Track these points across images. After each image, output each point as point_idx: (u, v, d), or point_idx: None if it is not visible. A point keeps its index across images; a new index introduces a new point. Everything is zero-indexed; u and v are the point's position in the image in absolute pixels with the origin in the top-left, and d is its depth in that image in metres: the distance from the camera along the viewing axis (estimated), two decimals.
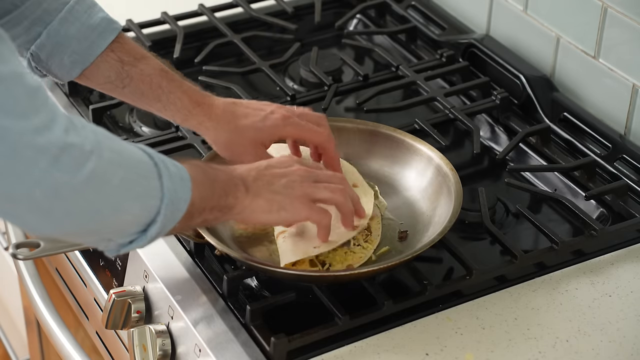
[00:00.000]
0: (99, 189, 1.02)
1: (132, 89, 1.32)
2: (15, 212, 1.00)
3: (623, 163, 1.50)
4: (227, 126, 1.31)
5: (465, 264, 1.30)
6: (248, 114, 1.32)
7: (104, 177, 1.02)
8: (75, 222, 1.04)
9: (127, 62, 1.31)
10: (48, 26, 1.28)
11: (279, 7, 1.86)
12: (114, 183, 1.03)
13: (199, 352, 1.23)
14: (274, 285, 1.30)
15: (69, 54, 1.30)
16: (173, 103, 1.32)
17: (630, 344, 1.24)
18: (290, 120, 1.32)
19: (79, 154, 1.00)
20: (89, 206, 1.03)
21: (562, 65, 1.64)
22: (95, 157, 1.01)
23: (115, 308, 1.32)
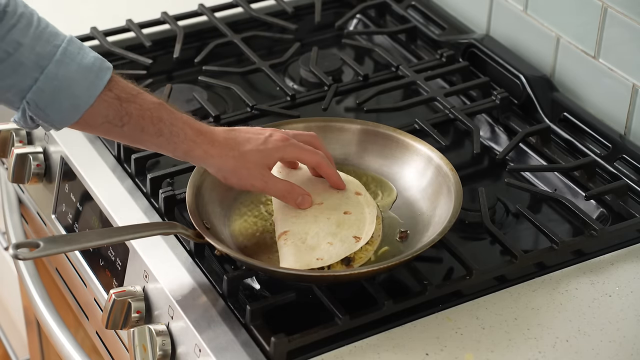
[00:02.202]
0: None
1: (132, 127, 1.29)
2: None
3: (623, 163, 1.50)
4: (231, 152, 1.31)
5: (465, 264, 1.30)
6: (249, 138, 1.33)
7: None
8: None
9: (125, 99, 1.28)
10: (45, 70, 1.25)
11: (279, 7, 1.86)
12: None
13: (199, 352, 1.23)
14: (274, 285, 1.30)
15: (69, 96, 1.26)
16: (176, 135, 1.30)
17: (630, 344, 1.24)
18: (290, 142, 1.34)
19: None
20: None
21: (562, 65, 1.64)
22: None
23: (115, 308, 1.32)
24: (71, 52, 1.26)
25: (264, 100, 1.64)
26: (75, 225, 1.52)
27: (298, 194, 1.34)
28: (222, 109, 1.65)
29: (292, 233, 1.32)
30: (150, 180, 1.44)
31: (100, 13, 1.87)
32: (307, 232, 1.31)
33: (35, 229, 1.70)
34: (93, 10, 1.88)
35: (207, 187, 1.36)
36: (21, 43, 1.23)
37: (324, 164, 1.36)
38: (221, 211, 1.37)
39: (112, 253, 1.42)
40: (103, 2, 1.91)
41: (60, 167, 1.56)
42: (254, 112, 1.60)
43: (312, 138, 1.38)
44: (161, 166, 1.51)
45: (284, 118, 1.55)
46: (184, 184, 1.37)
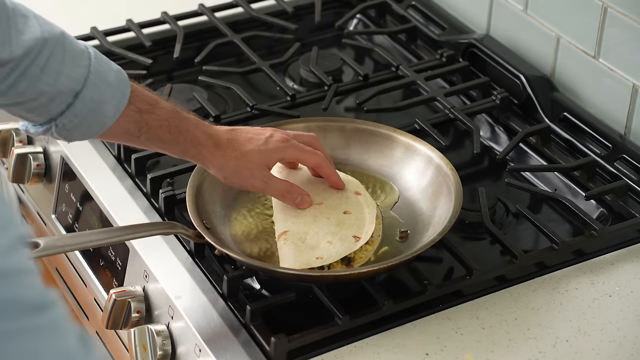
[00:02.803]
0: None
1: (149, 136, 1.28)
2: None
3: (623, 163, 1.50)
4: (233, 153, 1.31)
5: (465, 264, 1.30)
6: (250, 139, 1.33)
7: None
8: None
9: (145, 110, 1.27)
10: (79, 95, 1.22)
11: (279, 7, 1.86)
12: None
13: (199, 352, 1.23)
14: (274, 285, 1.30)
15: (99, 117, 1.24)
16: (190, 141, 1.30)
17: (630, 344, 1.24)
18: (291, 143, 1.34)
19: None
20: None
21: (562, 65, 1.64)
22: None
23: (115, 308, 1.32)
24: (100, 72, 1.23)
25: (264, 100, 1.64)
26: (75, 225, 1.52)
27: (297, 194, 1.34)
28: (222, 109, 1.65)
29: (291, 233, 1.32)
30: (151, 180, 1.44)
31: (100, 13, 1.87)
32: (306, 232, 1.31)
33: (35, 229, 1.70)
34: (93, 10, 1.88)
35: (207, 187, 1.36)
36: (60, 72, 1.20)
37: (323, 165, 1.36)
38: (221, 211, 1.37)
39: (112, 253, 1.42)
40: (103, 2, 1.91)
41: (61, 167, 1.56)
42: (254, 112, 1.60)
43: (311, 139, 1.38)
44: (161, 166, 1.51)
45: (284, 118, 1.55)
46: (184, 184, 1.37)
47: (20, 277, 0.84)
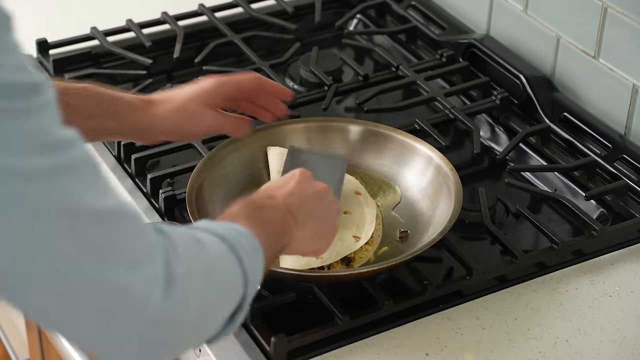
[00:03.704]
0: (201, 306, 0.96)
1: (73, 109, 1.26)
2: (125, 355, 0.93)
3: (623, 163, 1.50)
4: (173, 104, 1.30)
5: (465, 264, 1.30)
6: (184, 89, 1.33)
7: (201, 293, 0.96)
8: (185, 343, 0.98)
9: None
10: None
11: (279, 7, 1.86)
12: (210, 293, 0.97)
13: (199, 352, 1.23)
14: (274, 285, 1.30)
15: None
16: (119, 100, 1.28)
17: (630, 344, 1.24)
18: (220, 76, 1.34)
19: (180, 280, 0.93)
20: (195, 325, 0.96)
21: (562, 65, 1.64)
22: (193, 275, 0.95)
23: None
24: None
25: None
26: None
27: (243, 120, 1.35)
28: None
29: None
30: (151, 180, 1.44)
31: (100, 13, 1.87)
32: None
33: None
34: (93, 10, 1.88)
35: (207, 187, 1.36)
36: None
37: (264, 80, 1.35)
38: (221, 211, 1.37)
39: None
40: (103, 2, 1.91)
41: None
42: None
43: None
44: (161, 166, 1.51)
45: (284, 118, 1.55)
46: (184, 184, 1.37)
47: None
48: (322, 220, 1.19)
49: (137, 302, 0.90)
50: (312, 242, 1.18)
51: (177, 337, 0.94)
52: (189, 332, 0.96)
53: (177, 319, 0.93)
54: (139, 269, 0.90)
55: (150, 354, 0.94)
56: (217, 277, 0.99)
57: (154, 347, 0.93)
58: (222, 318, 1.01)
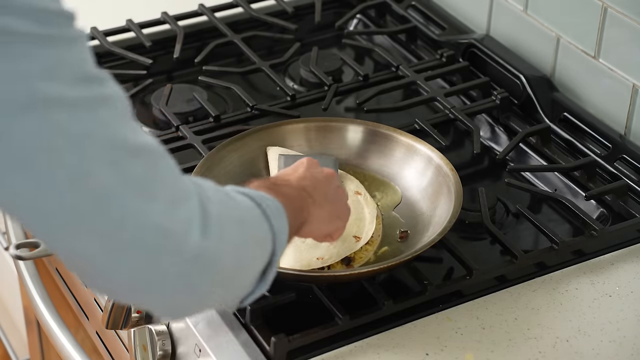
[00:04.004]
0: (236, 252, 0.99)
1: None
2: (164, 296, 0.95)
3: (623, 163, 1.50)
4: None
5: (465, 264, 1.30)
6: None
7: (235, 237, 0.98)
8: (222, 290, 1.00)
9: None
10: None
11: (279, 7, 1.86)
12: (244, 241, 1.00)
13: (199, 352, 1.23)
14: (274, 285, 1.30)
15: None
16: None
17: (630, 344, 1.24)
18: None
19: (215, 221, 0.95)
20: (231, 271, 0.99)
21: (562, 65, 1.64)
22: (226, 220, 0.97)
23: (115, 308, 1.32)
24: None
25: (264, 100, 1.64)
26: None
27: None
28: (222, 109, 1.65)
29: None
30: None
31: (100, 13, 1.87)
32: None
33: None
34: (93, 10, 1.88)
35: None
36: None
37: None
38: None
39: None
40: (103, 2, 1.91)
41: None
42: (254, 112, 1.60)
43: None
44: None
45: (284, 118, 1.55)
46: None
47: None
48: (335, 201, 1.22)
49: (177, 239, 0.91)
50: (330, 222, 1.21)
51: (216, 280, 0.96)
52: (227, 278, 0.98)
53: (215, 259, 0.95)
54: (178, 206, 0.92)
55: (191, 297, 0.96)
56: (248, 226, 1.01)
57: (195, 290, 0.95)
58: (255, 272, 1.03)
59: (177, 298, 0.95)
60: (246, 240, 1.00)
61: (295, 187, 1.16)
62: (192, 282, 0.94)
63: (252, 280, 1.04)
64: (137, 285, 0.92)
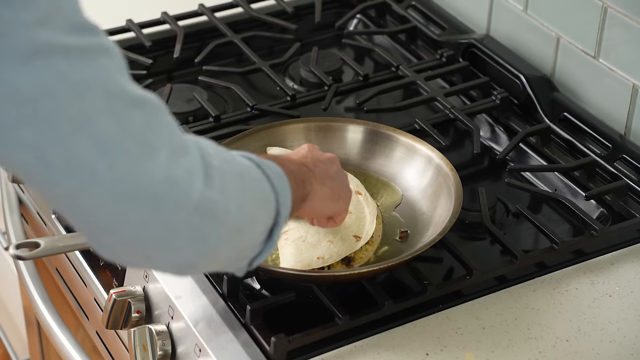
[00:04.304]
0: (239, 204, 0.99)
1: None
2: (171, 248, 0.95)
3: (623, 163, 1.50)
4: None
5: (465, 264, 1.30)
6: None
7: (237, 190, 1.00)
8: (228, 245, 1.01)
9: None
10: None
11: (279, 7, 1.86)
12: (246, 194, 1.01)
13: (199, 352, 1.23)
14: (274, 285, 1.30)
15: None
16: None
17: (630, 344, 1.24)
18: None
19: (216, 172, 0.97)
20: (235, 223, 0.99)
21: (562, 65, 1.64)
22: (227, 173, 0.98)
23: (115, 308, 1.32)
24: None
25: (264, 100, 1.64)
26: None
27: None
28: (222, 109, 1.65)
29: (292, 232, 1.32)
30: None
31: (100, 13, 1.86)
32: (307, 231, 1.31)
33: (35, 229, 1.70)
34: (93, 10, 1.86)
35: None
36: None
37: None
38: None
39: None
40: (103, 2, 1.91)
41: None
42: (254, 112, 1.60)
43: None
44: None
45: (284, 118, 1.55)
46: None
47: None
48: (337, 180, 1.24)
49: (181, 188, 0.92)
50: (332, 201, 1.23)
51: (221, 233, 0.97)
52: (232, 232, 0.99)
53: (219, 209, 0.96)
54: (180, 157, 0.93)
55: (197, 251, 0.96)
56: (249, 181, 1.02)
57: (201, 242, 0.96)
58: (260, 230, 1.04)
59: (184, 251, 0.96)
60: (248, 194, 1.01)
61: (296, 162, 1.19)
62: (197, 233, 0.95)
63: (259, 239, 1.05)
64: (143, 237, 0.93)
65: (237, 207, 0.99)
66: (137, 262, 0.99)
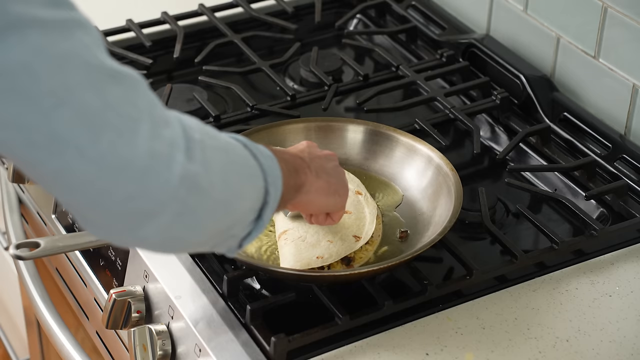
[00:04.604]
0: (223, 177, 1.00)
1: None
2: (159, 222, 0.95)
3: (623, 163, 1.50)
4: None
5: (465, 264, 1.30)
6: None
7: (220, 163, 1.00)
8: (215, 219, 1.00)
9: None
10: None
11: (279, 7, 1.86)
12: (230, 168, 1.01)
13: (199, 352, 1.23)
14: (274, 285, 1.30)
15: None
16: None
17: (630, 344, 1.24)
18: None
19: (198, 145, 0.97)
20: (220, 196, 0.99)
21: (562, 65, 1.64)
22: (209, 147, 0.98)
23: (115, 308, 1.32)
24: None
25: (264, 100, 1.64)
26: (76, 225, 1.52)
27: None
28: (222, 109, 1.65)
29: (291, 232, 1.32)
30: None
31: (100, 13, 1.87)
32: (306, 231, 1.31)
33: (35, 229, 1.70)
34: (93, 10, 1.87)
35: None
36: None
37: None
38: None
39: (112, 253, 1.42)
40: (103, 2, 1.91)
41: None
42: (254, 112, 1.60)
43: None
44: None
45: (284, 118, 1.55)
46: None
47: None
48: (333, 175, 1.24)
49: (163, 161, 0.92)
50: (328, 195, 1.22)
51: (207, 207, 0.97)
52: (219, 204, 0.99)
53: (204, 182, 0.96)
54: (161, 129, 0.93)
55: (184, 226, 0.96)
56: (234, 156, 1.02)
57: (188, 217, 0.96)
58: (249, 208, 1.04)
59: (172, 227, 0.96)
60: (233, 168, 1.01)
61: (291, 154, 1.19)
62: (184, 206, 0.95)
63: (248, 218, 1.05)
64: (130, 212, 0.93)
65: (221, 180, 0.99)
66: (125, 239, 0.98)
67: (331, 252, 1.29)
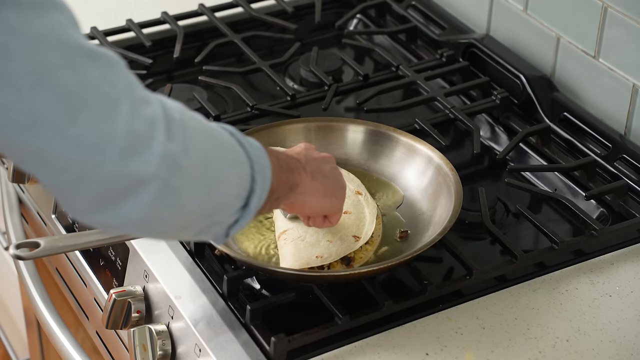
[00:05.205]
0: (205, 159, 1.00)
1: None
2: (141, 202, 0.95)
3: (623, 163, 1.50)
4: None
5: (465, 264, 1.30)
6: None
7: (202, 145, 1.00)
8: (196, 201, 1.00)
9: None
10: None
11: (279, 7, 1.86)
12: (212, 152, 1.01)
13: (199, 352, 1.23)
14: (274, 285, 1.30)
15: None
16: None
17: (630, 344, 1.24)
18: None
19: (178, 125, 0.97)
20: (202, 178, 0.99)
21: (562, 65, 1.64)
22: (190, 128, 0.98)
23: (115, 308, 1.32)
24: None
25: (264, 100, 1.64)
26: (75, 225, 1.52)
27: None
28: (222, 109, 1.65)
29: (291, 232, 1.32)
30: None
31: (100, 13, 1.87)
32: (306, 231, 1.31)
33: (35, 229, 1.70)
34: (93, 10, 1.88)
35: None
36: None
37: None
38: None
39: (112, 253, 1.42)
40: (103, 2, 1.91)
41: None
42: (254, 112, 1.60)
43: None
44: None
45: (284, 118, 1.55)
46: None
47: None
48: (330, 177, 1.23)
49: (144, 140, 0.92)
50: (325, 197, 1.22)
51: (189, 186, 0.97)
52: (201, 185, 0.99)
53: (184, 162, 0.96)
54: (141, 109, 0.93)
55: (167, 208, 0.97)
56: (218, 141, 1.02)
57: (170, 199, 0.96)
58: (234, 194, 1.04)
59: (153, 206, 0.96)
60: (215, 152, 1.01)
61: (286, 154, 1.18)
62: (166, 185, 0.95)
63: (234, 205, 1.05)
64: (112, 193, 0.93)
65: (202, 162, 0.99)
66: (107, 220, 0.97)
67: (331, 252, 1.29)
